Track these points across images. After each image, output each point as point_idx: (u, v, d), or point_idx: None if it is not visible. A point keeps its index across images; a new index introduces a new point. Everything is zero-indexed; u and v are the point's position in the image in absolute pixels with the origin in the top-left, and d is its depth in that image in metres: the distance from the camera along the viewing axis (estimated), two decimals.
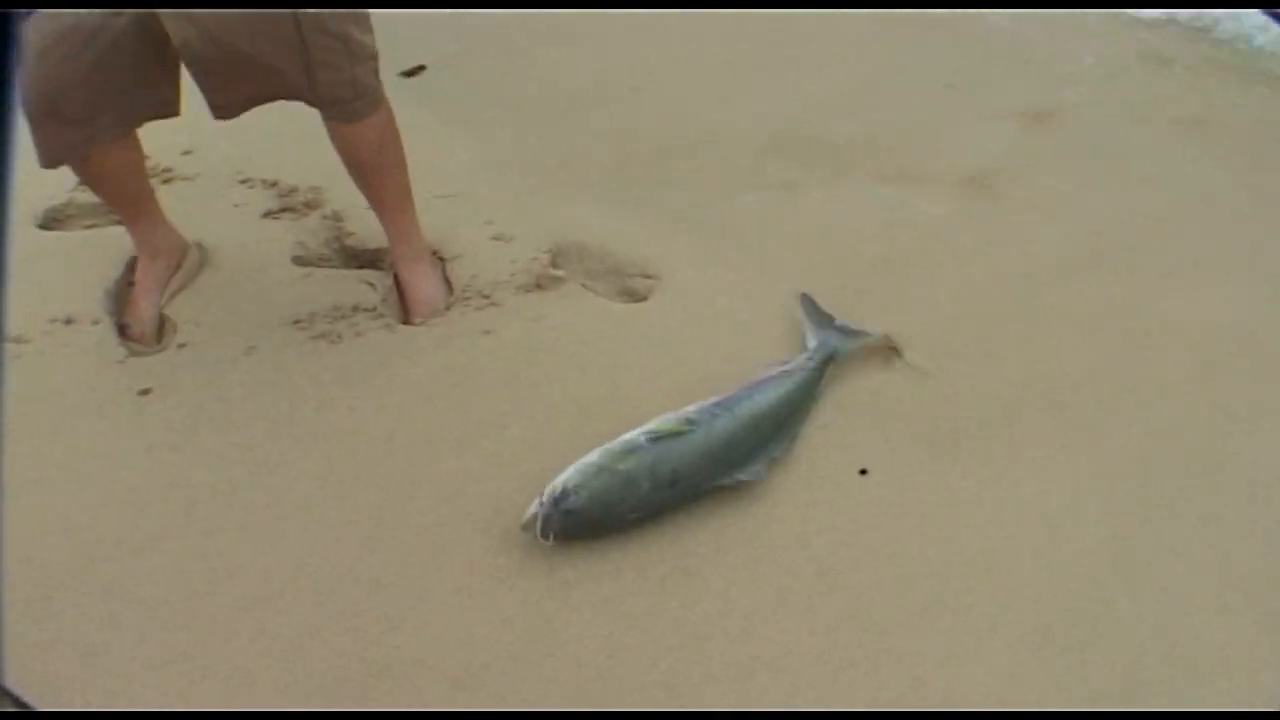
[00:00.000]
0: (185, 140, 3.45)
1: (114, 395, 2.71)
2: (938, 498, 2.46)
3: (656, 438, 2.39)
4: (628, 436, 2.40)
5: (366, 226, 3.15)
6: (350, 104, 2.66)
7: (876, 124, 3.92)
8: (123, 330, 2.91)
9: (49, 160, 2.60)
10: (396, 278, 3.03)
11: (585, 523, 2.29)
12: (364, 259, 3.16)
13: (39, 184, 3.06)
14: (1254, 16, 4.28)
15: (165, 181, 3.35)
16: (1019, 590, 2.25)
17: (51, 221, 3.26)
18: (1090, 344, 2.91)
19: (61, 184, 3.17)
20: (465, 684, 2.09)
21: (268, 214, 3.28)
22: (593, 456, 2.36)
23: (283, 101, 2.65)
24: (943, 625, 2.19)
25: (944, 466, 2.53)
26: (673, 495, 2.37)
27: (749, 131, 3.87)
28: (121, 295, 3.02)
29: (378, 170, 2.86)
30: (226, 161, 3.45)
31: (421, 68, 4.19)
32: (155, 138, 2.90)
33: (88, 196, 3.14)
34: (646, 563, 2.31)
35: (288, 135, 3.05)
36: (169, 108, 2.72)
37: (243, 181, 3.41)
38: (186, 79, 2.63)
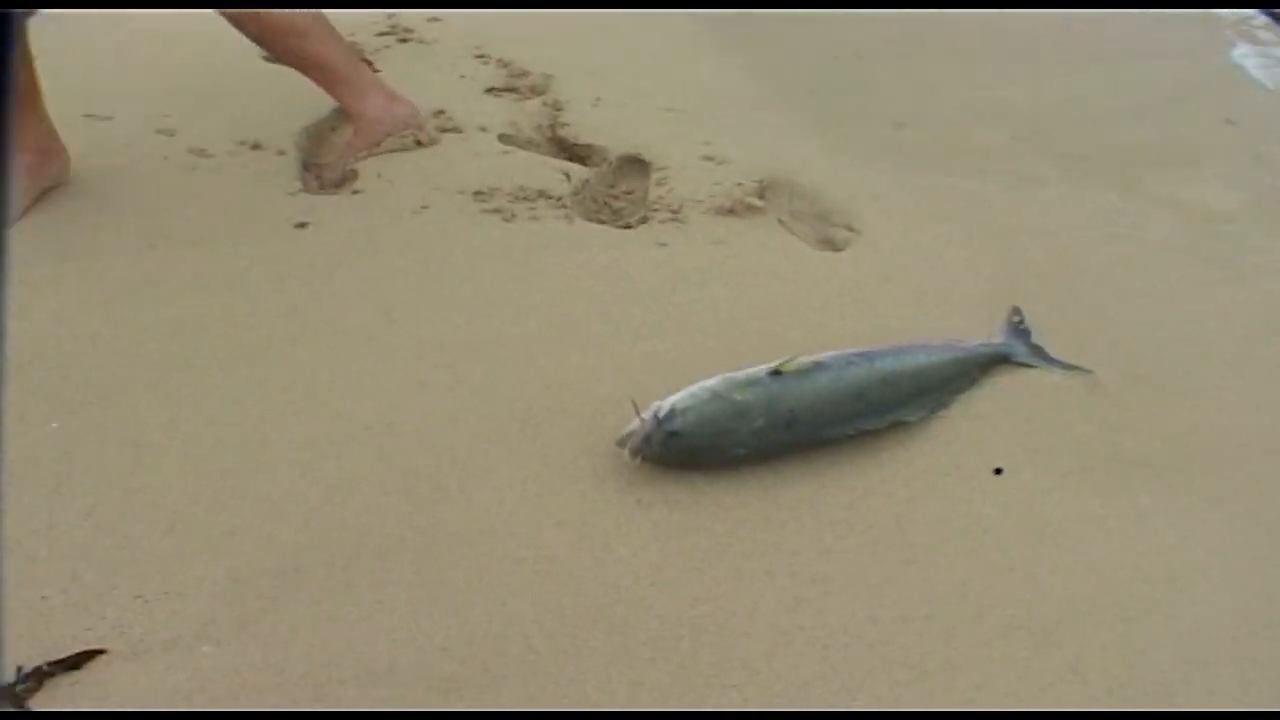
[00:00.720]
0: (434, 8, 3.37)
1: (272, 223, 2.67)
2: (1067, 521, 2.08)
3: (779, 373, 2.11)
4: (753, 370, 2.14)
5: (585, 122, 2.99)
6: None
7: (1142, 139, 3.48)
8: (313, 171, 2.85)
9: None
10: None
11: (686, 449, 2.05)
12: (572, 152, 3.01)
13: None
14: None
15: (402, 40, 3.27)
16: (1119, 644, 1.86)
17: None
18: None
19: None
20: (490, 573, 1.89)
21: (490, 89, 3.18)
22: (711, 381, 2.12)
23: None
24: (1017, 655, 1.83)
25: (1087, 491, 2.15)
26: (786, 437, 2.11)
27: (1015, 115, 3.54)
28: (322, 135, 2.95)
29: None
30: (469, 34, 3.36)
31: None
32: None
33: None
34: (730, 502, 2.05)
35: (537, 23, 2.92)
36: None
37: (478, 56, 3.32)
38: None
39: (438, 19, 3.42)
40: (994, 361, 2.38)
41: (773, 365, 2.14)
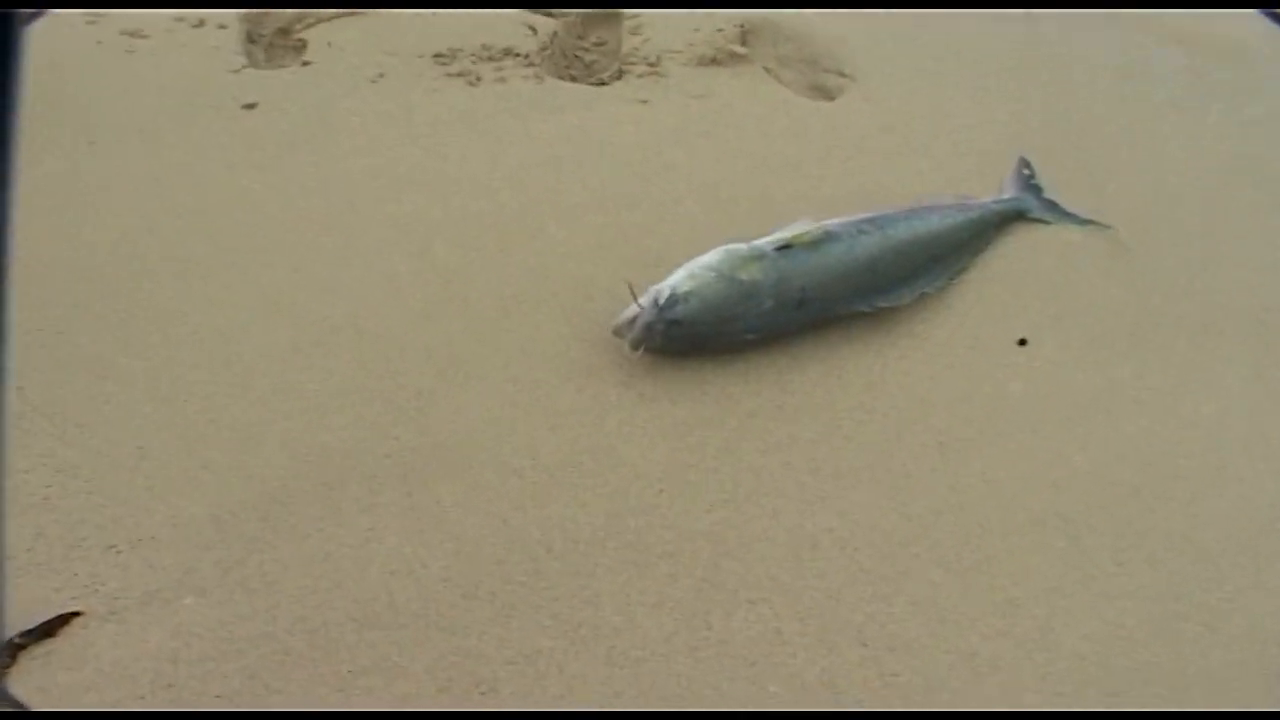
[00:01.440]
0: None
1: (218, 105, 2.45)
2: (1097, 395, 1.96)
3: (788, 247, 1.94)
4: (757, 242, 1.98)
5: None
6: None
7: None
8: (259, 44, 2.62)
9: None
10: None
11: (691, 337, 1.91)
12: None
13: None
14: None
15: None
16: (1161, 529, 1.75)
17: None
18: None
19: None
20: (487, 488, 1.75)
21: None
22: (711, 258, 1.95)
23: None
24: (1054, 545, 1.72)
25: (1115, 361, 2.02)
26: (798, 317, 1.97)
27: None
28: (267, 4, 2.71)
29: None
30: None
31: None
32: None
33: None
34: (740, 392, 1.91)
35: None
36: None
37: None
38: None
39: None
40: (1008, 219, 2.22)
41: (782, 237, 1.97)
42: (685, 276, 1.91)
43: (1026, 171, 2.32)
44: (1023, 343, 2.02)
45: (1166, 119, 2.57)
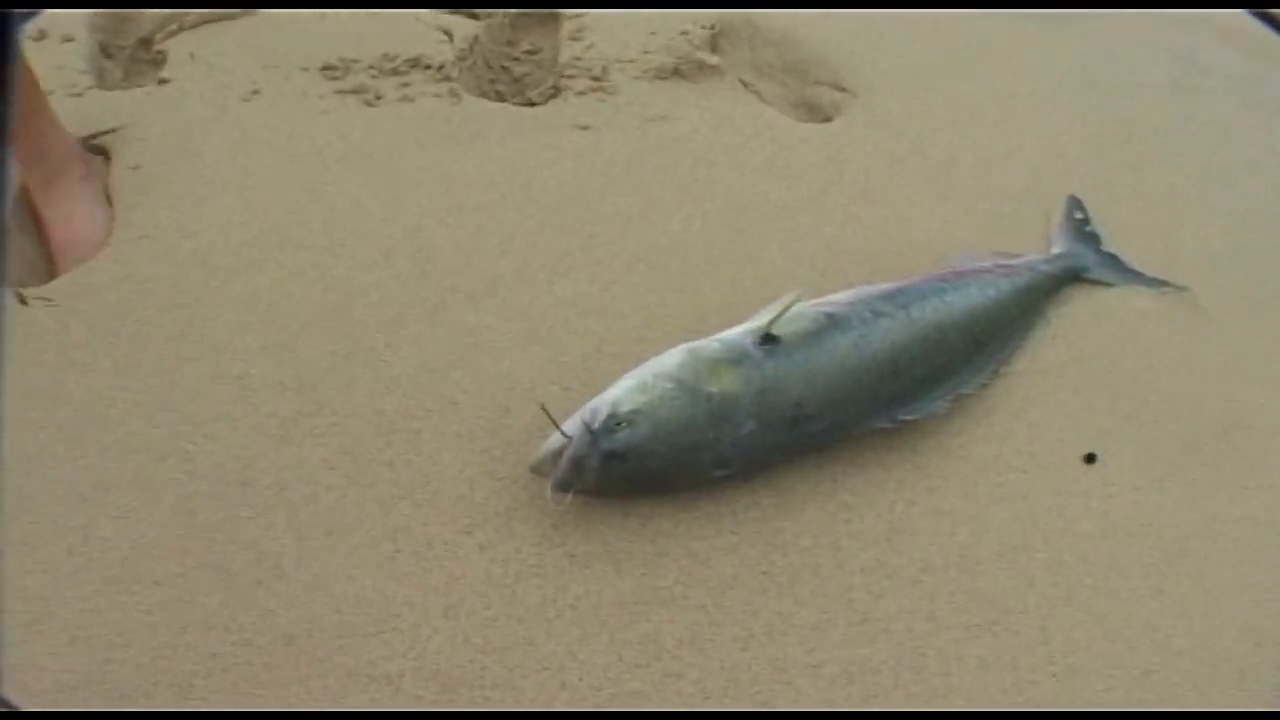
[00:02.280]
0: None
1: None
2: (1193, 529, 1.48)
3: (774, 340, 1.42)
4: (731, 335, 1.46)
5: None
6: None
7: None
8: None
9: None
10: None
11: (638, 475, 1.39)
12: None
13: None
14: None
15: None
16: None
17: None
18: None
19: None
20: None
21: None
22: (669, 361, 1.44)
23: None
24: None
25: (1207, 482, 1.54)
26: (791, 441, 1.45)
27: None
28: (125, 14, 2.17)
29: None
30: None
31: None
32: None
33: None
34: (709, 551, 1.42)
35: None
36: None
37: None
38: None
39: None
40: (1062, 284, 1.70)
41: (760, 324, 1.45)
42: (633, 389, 1.40)
43: (1080, 215, 1.81)
44: (1090, 459, 1.51)
45: (1232, 137, 2.05)
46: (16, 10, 0.67)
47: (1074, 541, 1.43)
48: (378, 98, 2.01)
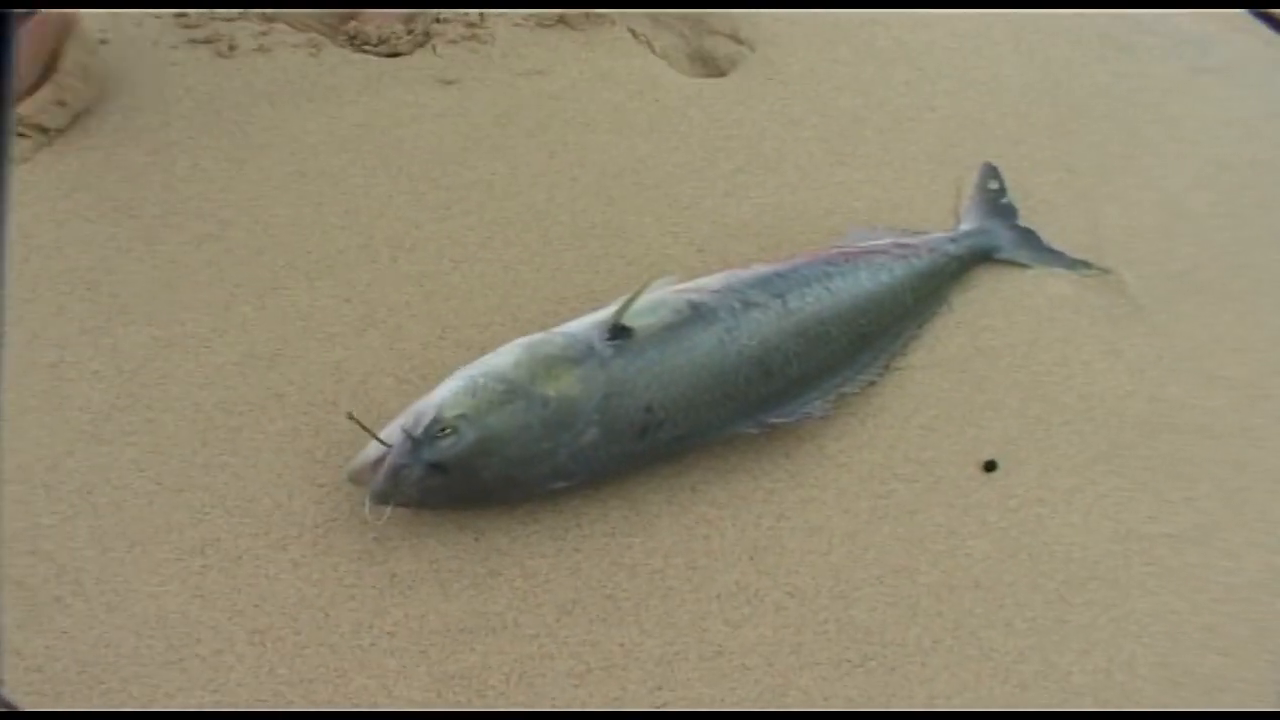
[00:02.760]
0: None
1: None
2: (1105, 551, 1.31)
3: (626, 333, 1.24)
4: (578, 326, 1.28)
5: None
6: None
7: None
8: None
9: None
10: None
11: (464, 487, 1.22)
12: None
13: None
14: None
15: None
16: None
17: None
18: None
19: None
20: None
21: None
22: (503, 359, 1.26)
23: None
24: None
25: (1124, 494, 1.37)
26: (640, 451, 1.27)
27: None
28: None
29: None
30: None
31: None
32: None
33: None
34: (548, 571, 1.23)
35: None
36: None
37: None
38: None
39: None
40: (969, 265, 1.52)
41: (608, 315, 1.27)
42: (460, 391, 1.22)
43: (994, 186, 1.64)
44: (990, 467, 1.34)
45: (1171, 103, 1.87)
46: (16, 10, 0.65)
47: (965, 564, 1.26)
48: (231, 48, 1.82)
